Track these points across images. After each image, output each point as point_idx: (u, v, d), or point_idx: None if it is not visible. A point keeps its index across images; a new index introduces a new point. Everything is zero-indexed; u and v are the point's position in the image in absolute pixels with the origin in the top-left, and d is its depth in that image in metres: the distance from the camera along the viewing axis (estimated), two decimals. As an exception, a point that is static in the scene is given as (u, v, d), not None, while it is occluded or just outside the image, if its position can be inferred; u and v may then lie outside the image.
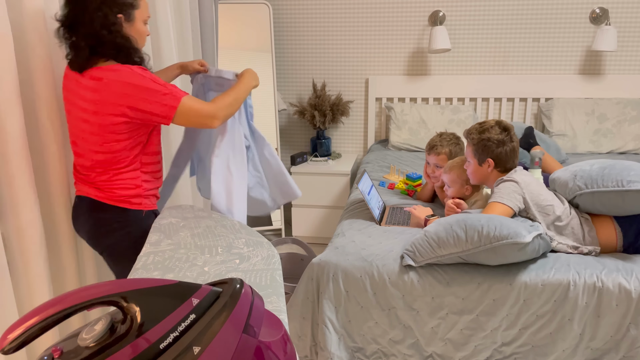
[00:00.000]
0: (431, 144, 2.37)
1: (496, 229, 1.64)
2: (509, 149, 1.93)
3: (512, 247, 1.63)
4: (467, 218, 1.72)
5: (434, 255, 1.72)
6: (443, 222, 1.76)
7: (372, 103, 3.59)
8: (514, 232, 1.63)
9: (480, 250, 1.66)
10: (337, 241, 1.98)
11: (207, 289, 0.62)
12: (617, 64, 3.32)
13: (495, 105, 3.49)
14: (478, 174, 2.01)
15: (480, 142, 1.95)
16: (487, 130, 1.95)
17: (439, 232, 1.72)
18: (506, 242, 1.62)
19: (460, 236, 1.67)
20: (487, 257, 1.68)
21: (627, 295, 1.62)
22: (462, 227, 1.69)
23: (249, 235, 1.38)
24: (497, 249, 1.64)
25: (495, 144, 1.93)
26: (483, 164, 1.97)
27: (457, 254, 1.69)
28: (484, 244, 1.64)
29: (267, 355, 0.62)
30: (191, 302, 0.60)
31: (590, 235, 1.84)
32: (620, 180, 1.75)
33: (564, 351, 1.69)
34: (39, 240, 1.60)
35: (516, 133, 2.28)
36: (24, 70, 1.61)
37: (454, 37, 3.44)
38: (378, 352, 1.82)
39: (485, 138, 1.94)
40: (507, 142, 1.93)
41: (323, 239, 3.54)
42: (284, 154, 3.87)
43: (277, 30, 3.61)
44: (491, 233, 1.64)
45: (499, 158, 1.94)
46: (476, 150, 1.97)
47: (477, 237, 1.65)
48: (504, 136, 1.93)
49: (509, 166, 1.95)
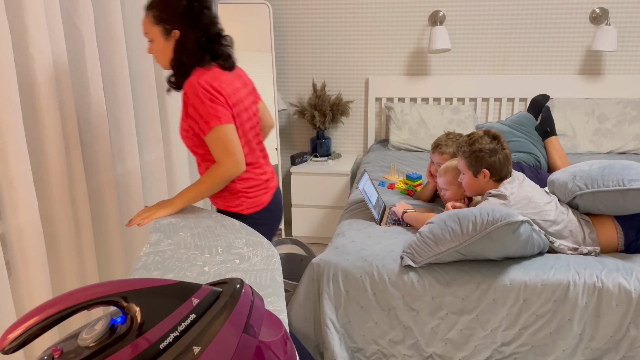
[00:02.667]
0: (436, 143, 2.36)
1: (489, 214, 1.66)
2: (502, 157, 1.92)
3: (506, 229, 1.63)
4: (459, 212, 1.73)
5: (433, 253, 1.72)
6: (436, 220, 1.76)
7: (372, 103, 3.59)
8: (506, 213, 1.66)
9: (477, 239, 1.65)
10: (337, 241, 1.98)
11: (207, 288, 0.62)
12: (617, 64, 3.32)
13: (495, 105, 3.49)
14: (474, 186, 2.00)
15: (473, 154, 1.95)
16: (476, 141, 1.94)
17: (434, 230, 1.72)
18: (500, 224, 1.62)
19: (456, 229, 1.68)
20: (484, 247, 1.68)
21: (627, 295, 1.62)
22: (455, 221, 1.70)
23: (249, 235, 1.38)
24: (493, 234, 1.64)
25: (488, 153, 1.92)
26: (478, 175, 1.96)
27: (455, 248, 1.69)
28: (479, 231, 1.64)
29: (267, 355, 0.62)
30: (191, 302, 0.60)
31: (591, 237, 1.83)
32: (621, 179, 1.75)
33: (564, 351, 1.69)
34: (38, 240, 1.60)
35: (534, 118, 2.32)
36: (24, 70, 1.61)
37: (454, 37, 3.44)
38: (378, 352, 1.82)
39: (477, 149, 1.93)
40: (499, 151, 1.92)
41: (323, 239, 3.54)
42: (284, 154, 3.87)
43: (277, 30, 3.61)
44: (484, 219, 1.65)
45: (493, 167, 1.93)
46: (469, 163, 1.97)
47: (472, 227, 1.65)
48: (494, 145, 1.92)
49: (503, 174, 1.94)
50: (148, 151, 2.34)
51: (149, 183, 2.36)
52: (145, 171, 2.34)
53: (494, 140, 1.94)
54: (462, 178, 2.04)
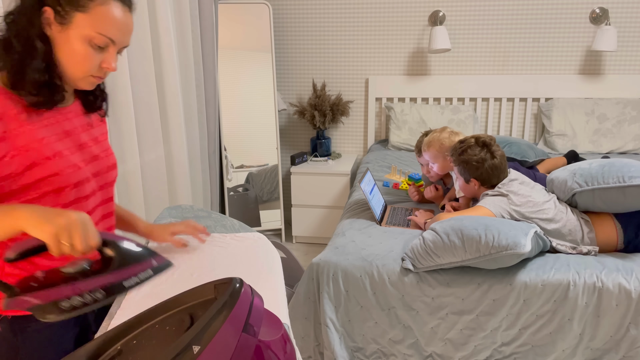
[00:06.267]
0: (418, 145, 2.37)
1: (494, 239, 1.63)
2: (489, 166, 1.90)
3: (512, 256, 1.63)
4: (463, 227, 1.70)
5: (434, 263, 1.72)
6: (439, 230, 1.74)
7: (372, 103, 3.59)
8: (512, 242, 1.62)
9: (480, 261, 1.66)
10: (337, 241, 1.98)
11: (164, 258, 0.86)
12: (617, 64, 3.32)
13: (495, 105, 3.49)
14: (468, 190, 2.02)
15: (461, 164, 1.95)
16: (465, 151, 1.93)
17: (437, 242, 1.70)
18: (506, 253, 1.62)
19: (458, 247, 1.66)
20: (487, 264, 1.69)
21: (627, 295, 1.62)
22: (459, 237, 1.67)
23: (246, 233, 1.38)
24: (498, 259, 1.65)
25: (475, 165, 1.91)
26: (469, 182, 1.97)
27: (457, 263, 1.70)
28: (484, 254, 1.64)
29: (267, 355, 0.62)
30: (151, 262, 0.83)
31: (589, 236, 1.83)
32: (621, 176, 1.75)
33: (564, 351, 1.69)
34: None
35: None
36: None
37: (454, 37, 3.43)
38: (378, 352, 1.82)
39: (465, 160, 1.93)
40: (487, 160, 1.89)
41: (323, 239, 3.54)
42: (284, 154, 3.87)
43: (277, 30, 3.61)
44: (490, 243, 1.63)
45: (482, 178, 1.93)
46: (459, 171, 1.98)
47: (476, 248, 1.64)
48: (483, 154, 1.90)
49: (494, 182, 1.93)
50: (148, 151, 2.34)
51: (149, 183, 2.36)
52: (145, 171, 2.34)
53: (483, 148, 1.91)
54: (457, 179, 2.04)
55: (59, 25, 0.90)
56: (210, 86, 3.03)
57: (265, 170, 3.49)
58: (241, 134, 3.39)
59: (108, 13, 0.91)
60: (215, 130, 3.14)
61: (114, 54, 0.96)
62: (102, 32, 0.91)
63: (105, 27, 0.91)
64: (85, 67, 0.93)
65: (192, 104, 2.76)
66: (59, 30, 0.90)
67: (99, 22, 0.90)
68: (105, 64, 0.95)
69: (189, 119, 2.77)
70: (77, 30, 0.90)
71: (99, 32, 0.91)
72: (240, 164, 3.43)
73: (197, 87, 2.87)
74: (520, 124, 3.49)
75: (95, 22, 0.90)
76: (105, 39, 0.92)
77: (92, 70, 0.94)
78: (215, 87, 3.06)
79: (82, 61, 0.92)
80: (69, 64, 0.92)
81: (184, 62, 2.68)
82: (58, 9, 0.89)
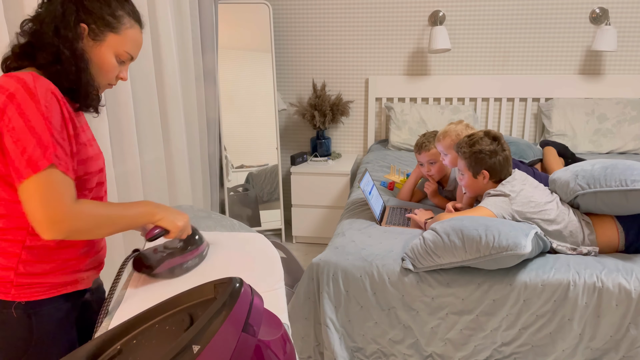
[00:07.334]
0: (418, 144, 2.37)
1: (495, 239, 1.63)
2: (502, 158, 1.91)
3: (512, 257, 1.63)
4: (464, 227, 1.70)
5: (434, 263, 1.72)
6: (440, 230, 1.74)
7: (372, 103, 3.59)
8: (513, 243, 1.62)
9: (480, 261, 1.66)
10: (337, 241, 1.98)
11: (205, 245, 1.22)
12: (617, 64, 3.32)
13: (495, 105, 3.49)
14: (474, 187, 2.00)
15: (473, 155, 1.94)
16: (477, 142, 1.93)
17: (437, 242, 1.70)
18: (506, 253, 1.62)
19: (458, 247, 1.66)
20: (487, 265, 1.69)
21: (627, 295, 1.62)
22: (459, 237, 1.67)
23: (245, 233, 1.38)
24: (498, 259, 1.64)
25: (488, 155, 1.91)
26: (478, 176, 1.95)
27: (457, 264, 1.70)
28: (484, 254, 1.64)
29: (267, 354, 0.62)
30: (206, 244, 1.24)
31: (590, 238, 1.83)
32: (624, 179, 1.74)
33: (564, 351, 1.69)
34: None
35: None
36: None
37: (454, 37, 3.44)
38: (378, 352, 1.82)
39: (477, 150, 1.92)
40: (499, 152, 1.91)
41: (323, 239, 3.54)
42: (284, 154, 3.87)
43: (277, 30, 3.61)
44: (490, 244, 1.62)
45: (493, 169, 1.92)
46: (469, 164, 1.96)
47: (476, 248, 1.64)
48: (495, 146, 1.92)
49: (503, 175, 1.94)
50: (148, 151, 2.34)
51: (149, 183, 2.36)
52: (145, 171, 2.34)
53: (494, 141, 1.93)
54: (461, 178, 2.03)
55: (92, 40, 1.07)
56: (210, 86, 3.03)
57: (265, 170, 3.49)
58: (241, 134, 3.39)
59: (133, 35, 1.11)
60: (215, 130, 3.15)
61: (128, 66, 1.16)
62: (128, 50, 1.11)
63: (130, 47, 1.11)
64: (109, 77, 1.12)
65: (192, 104, 2.76)
66: (91, 45, 1.07)
67: (127, 43, 1.10)
68: (121, 75, 1.15)
69: (189, 119, 2.77)
70: (108, 47, 1.08)
71: (126, 50, 1.11)
72: (240, 164, 3.43)
73: (197, 87, 2.87)
74: (520, 124, 3.49)
75: (124, 42, 1.10)
76: (128, 55, 1.12)
77: (112, 79, 1.13)
78: (215, 87, 3.06)
79: (107, 72, 1.10)
80: (98, 74, 1.10)
81: (184, 62, 2.68)
82: (93, 27, 1.06)
